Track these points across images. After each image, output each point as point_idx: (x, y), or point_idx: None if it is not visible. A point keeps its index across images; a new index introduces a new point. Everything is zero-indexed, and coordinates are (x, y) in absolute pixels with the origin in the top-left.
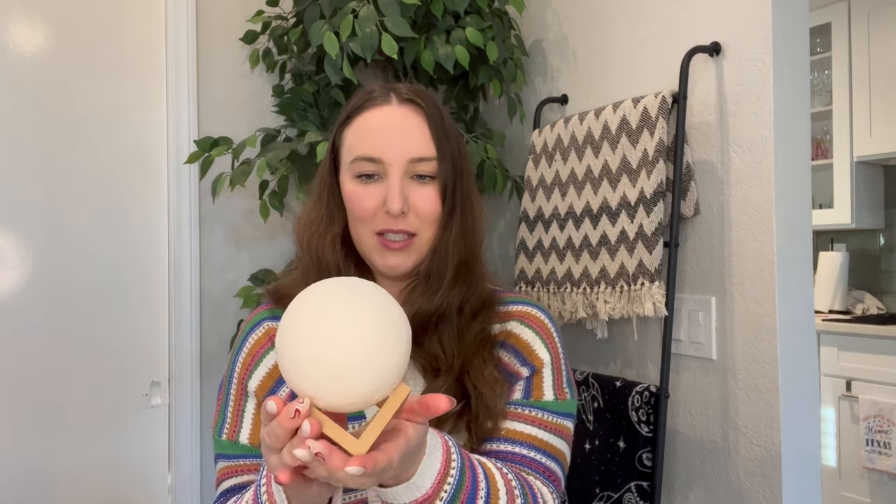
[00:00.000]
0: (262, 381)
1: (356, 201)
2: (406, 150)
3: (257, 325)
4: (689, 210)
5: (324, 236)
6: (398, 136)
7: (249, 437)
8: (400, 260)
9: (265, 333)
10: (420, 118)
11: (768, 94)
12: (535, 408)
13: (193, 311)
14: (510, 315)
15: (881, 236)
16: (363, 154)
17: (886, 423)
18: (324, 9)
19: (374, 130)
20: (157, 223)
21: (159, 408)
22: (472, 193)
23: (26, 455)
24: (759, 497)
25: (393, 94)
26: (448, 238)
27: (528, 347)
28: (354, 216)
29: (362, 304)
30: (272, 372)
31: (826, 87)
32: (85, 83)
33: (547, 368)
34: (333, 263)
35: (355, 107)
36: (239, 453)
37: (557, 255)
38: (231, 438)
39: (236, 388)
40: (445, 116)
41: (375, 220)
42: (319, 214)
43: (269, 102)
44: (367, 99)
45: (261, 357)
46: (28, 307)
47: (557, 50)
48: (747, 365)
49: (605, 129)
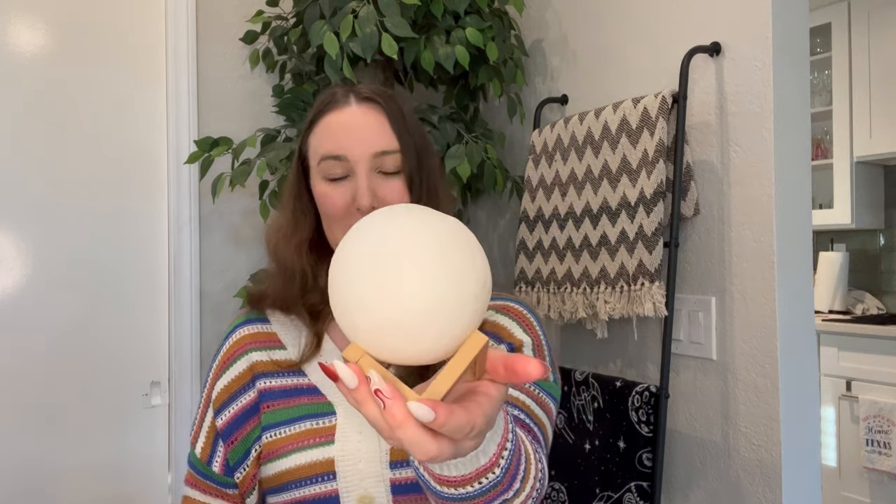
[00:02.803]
0: (219, 393)
1: (327, 200)
2: (369, 145)
3: (233, 332)
4: (689, 210)
5: (290, 241)
6: (360, 133)
7: (201, 450)
8: None
9: (237, 341)
10: (380, 115)
11: (768, 94)
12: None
13: (193, 311)
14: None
15: (881, 236)
16: (328, 153)
17: (886, 424)
18: (324, 9)
19: (337, 130)
20: (157, 223)
21: (159, 408)
22: (439, 188)
23: (26, 455)
24: (759, 497)
25: (352, 95)
26: None
27: (504, 330)
28: (328, 215)
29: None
30: (230, 385)
31: (826, 87)
32: (85, 83)
33: (527, 348)
34: (298, 268)
35: (317, 112)
36: (194, 461)
37: (557, 255)
38: (192, 444)
39: (206, 393)
40: (407, 113)
41: (348, 218)
42: (287, 220)
43: (269, 102)
44: (328, 102)
45: (228, 366)
46: (28, 307)
47: (557, 50)
48: (747, 365)
49: (605, 129)
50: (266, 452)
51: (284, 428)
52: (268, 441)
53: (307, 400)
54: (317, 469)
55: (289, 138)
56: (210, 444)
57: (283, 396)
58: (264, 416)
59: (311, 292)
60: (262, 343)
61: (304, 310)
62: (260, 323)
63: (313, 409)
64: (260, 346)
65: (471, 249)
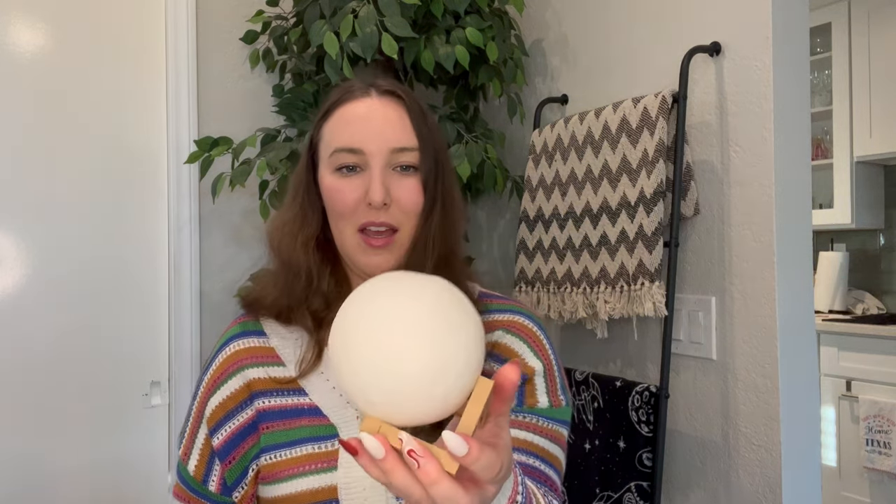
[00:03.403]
0: (214, 411)
1: (337, 195)
2: (387, 139)
3: (226, 345)
4: (689, 210)
5: (296, 237)
6: (379, 126)
7: (195, 469)
8: (382, 259)
9: (231, 356)
10: (401, 109)
11: (768, 94)
12: (530, 413)
13: (193, 311)
14: (495, 325)
15: (881, 236)
16: (343, 145)
17: (886, 423)
18: (324, 9)
19: (354, 121)
20: (157, 223)
21: (159, 408)
22: (453, 189)
23: (26, 454)
24: (759, 497)
25: (372, 88)
26: (428, 232)
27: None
28: (335, 211)
29: (417, 307)
30: (225, 403)
31: (826, 87)
32: (85, 83)
33: (539, 377)
34: (304, 266)
35: (334, 101)
36: (185, 477)
37: (557, 255)
38: (183, 460)
39: (197, 408)
40: (426, 111)
41: (357, 215)
42: (293, 214)
43: (269, 102)
44: (347, 92)
45: (221, 382)
46: (28, 307)
47: (557, 50)
48: (747, 365)
49: (605, 129)
50: (265, 474)
51: (284, 451)
52: (267, 463)
53: (307, 422)
54: (319, 496)
55: (289, 138)
56: (205, 464)
57: (283, 417)
58: (263, 437)
59: (315, 295)
60: (258, 359)
61: (307, 314)
62: (256, 336)
63: (314, 432)
64: (256, 362)
65: (464, 306)
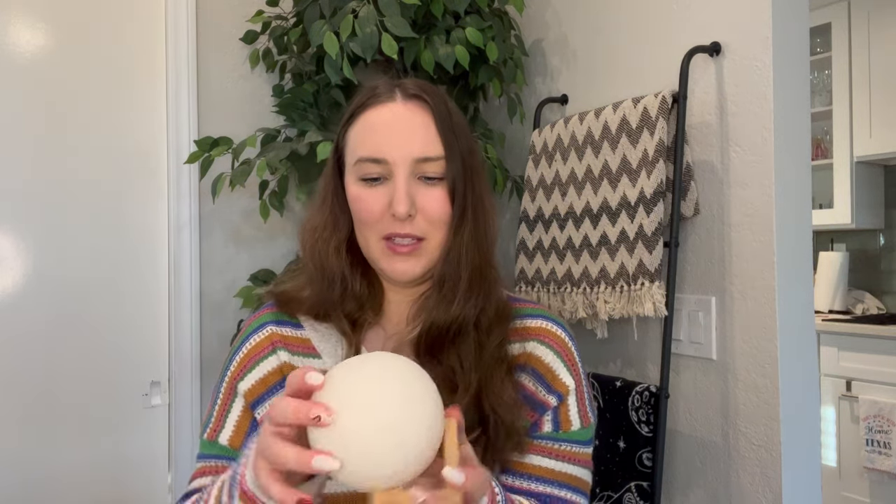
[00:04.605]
0: (254, 385)
1: (361, 204)
2: (411, 149)
3: (260, 328)
4: (689, 210)
5: (328, 242)
6: (403, 135)
7: (230, 438)
8: (409, 266)
9: (267, 338)
10: (426, 115)
11: (768, 94)
12: (565, 441)
13: (193, 311)
14: (528, 333)
15: (881, 236)
16: (366, 155)
17: (886, 423)
18: (324, 9)
19: (378, 129)
20: (157, 223)
21: (159, 408)
22: (483, 194)
23: (26, 454)
24: (759, 497)
25: (398, 91)
26: (461, 243)
27: (551, 372)
28: (360, 220)
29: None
30: (266, 378)
31: (826, 87)
32: (85, 83)
33: (572, 396)
34: (338, 271)
35: (359, 104)
36: (215, 453)
37: (557, 255)
38: (210, 438)
39: (227, 386)
40: (454, 113)
41: (381, 224)
42: (324, 219)
43: (269, 102)
44: (371, 96)
45: (258, 361)
46: (28, 307)
47: (557, 50)
48: (747, 365)
49: (605, 129)
50: None
51: None
52: None
53: None
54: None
55: (289, 138)
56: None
57: None
58: None
59: (349, 299)
60: (294, 347)
61: (342, 317)
62: (291, 327)
63: None
64: (292, 350)
65: (426, 378)
